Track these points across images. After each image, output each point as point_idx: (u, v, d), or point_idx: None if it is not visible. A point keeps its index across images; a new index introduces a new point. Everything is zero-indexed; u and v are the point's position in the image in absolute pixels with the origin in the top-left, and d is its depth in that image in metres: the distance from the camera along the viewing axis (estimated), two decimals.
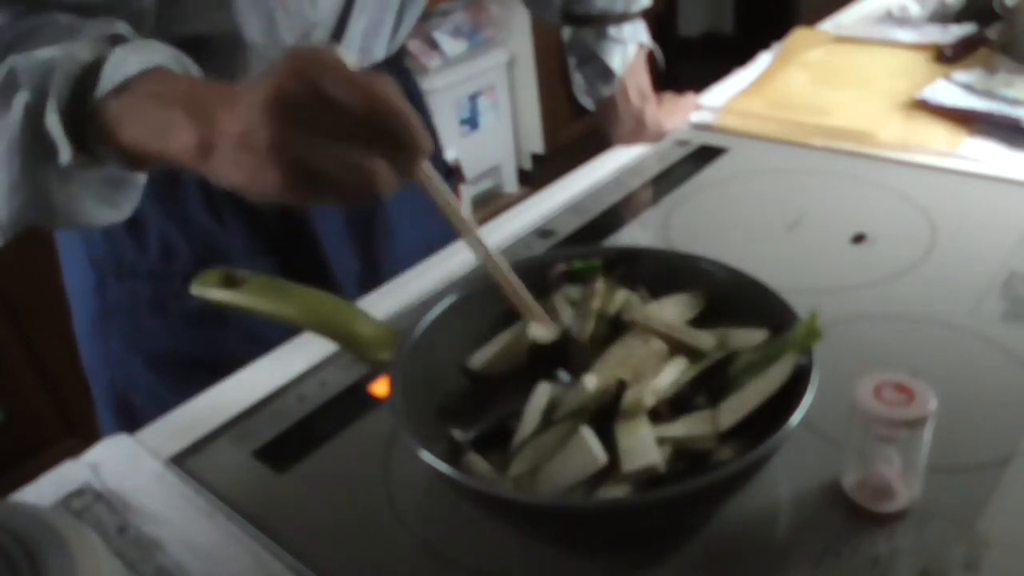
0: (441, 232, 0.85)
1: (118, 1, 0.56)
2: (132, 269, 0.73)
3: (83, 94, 0.48)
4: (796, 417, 0.43)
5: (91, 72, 0.48)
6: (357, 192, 0.43)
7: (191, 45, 0.63)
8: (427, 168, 0.46)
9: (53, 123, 0.48)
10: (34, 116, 0.48)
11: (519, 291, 0.54)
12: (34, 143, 0.49)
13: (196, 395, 0.63)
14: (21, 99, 0.48)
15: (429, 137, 0.44)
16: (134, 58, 0.49)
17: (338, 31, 0.69)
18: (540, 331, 0.54)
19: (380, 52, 0.75)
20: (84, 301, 0.76)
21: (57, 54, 0.48)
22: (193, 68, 0.53)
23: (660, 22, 3.20)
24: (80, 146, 0.49)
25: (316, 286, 0.54)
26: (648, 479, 0.45)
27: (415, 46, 2.42)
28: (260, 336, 0.72)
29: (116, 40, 0.50)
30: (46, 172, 0.50)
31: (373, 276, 0.79)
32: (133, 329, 0.74)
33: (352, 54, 0.42)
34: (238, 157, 0.42)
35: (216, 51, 0.64)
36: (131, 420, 0.76)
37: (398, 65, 0.81)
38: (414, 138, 0.43)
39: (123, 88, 0.48)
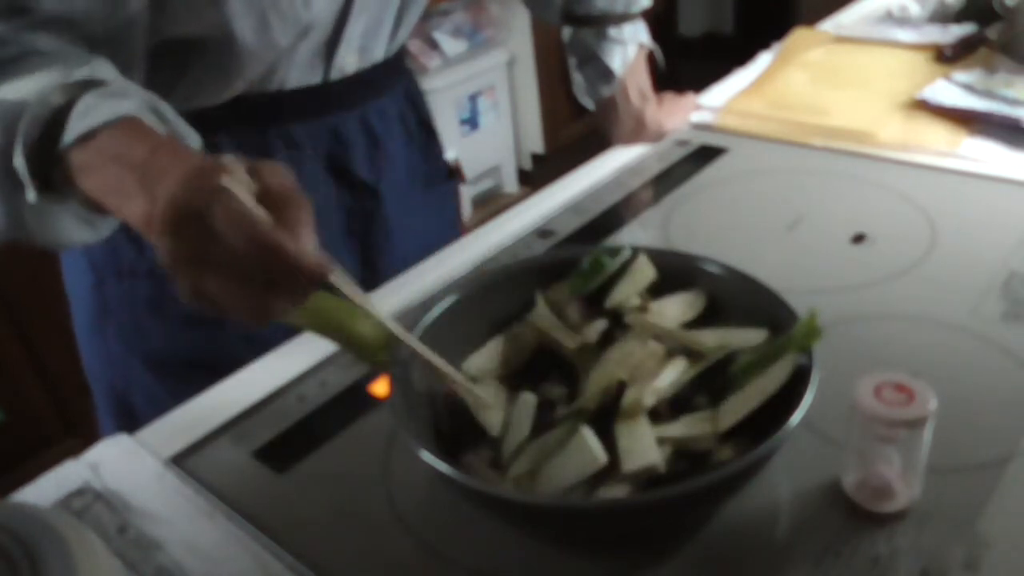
0: (439, 233, 0.85)
1: (107, 10, 0.56)
2: (131, 269, 0.73)
3: (51, 138, 0.49)
4: (796, 417, 0.43)
5: (60, 117, 0.49)
6: (250, 318, 0.44)
7: (184, 47, 0.63)
8: (338, 279, 0.45)
9: (20, 164, 0.49)
10: (3, 153, 0.49)
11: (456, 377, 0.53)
12: (6, 177, 0.50)
13: (195, 396, 0.63)
14: None
15: (325, 263, 0.43)
16: (104, 106, 0.49)
17: (336, 31, 0.69)
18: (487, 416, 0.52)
19: (379, 53, 0.75)
20: (83, 302, 0.76)
21: (30, 95, 0.49)
22: (169, 112, 0.53)
23: (660, 22, 3.20)
24: (47, 185, 0.50)
25: None
26: (648, 479, 0.45)
27: (415, 46, 2.42)
28: (258, 337, 0.71)
29: (89, 85, 0.50)
30: (19, 202, 0.51)
31: (371, 276, 0.79)
32: (132, 330, 0.74)
33: (240, 183, 0.42)
34: (159, 252, 0.43)
35: (209, 52, 0.64)
36: (131, 420, 0.76)
37: (399, 66, 0.81)
38: (301, 274, 0.42)
39: (88, 137, 0.48)
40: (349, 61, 0.72)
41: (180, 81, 0.66)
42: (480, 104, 2.64)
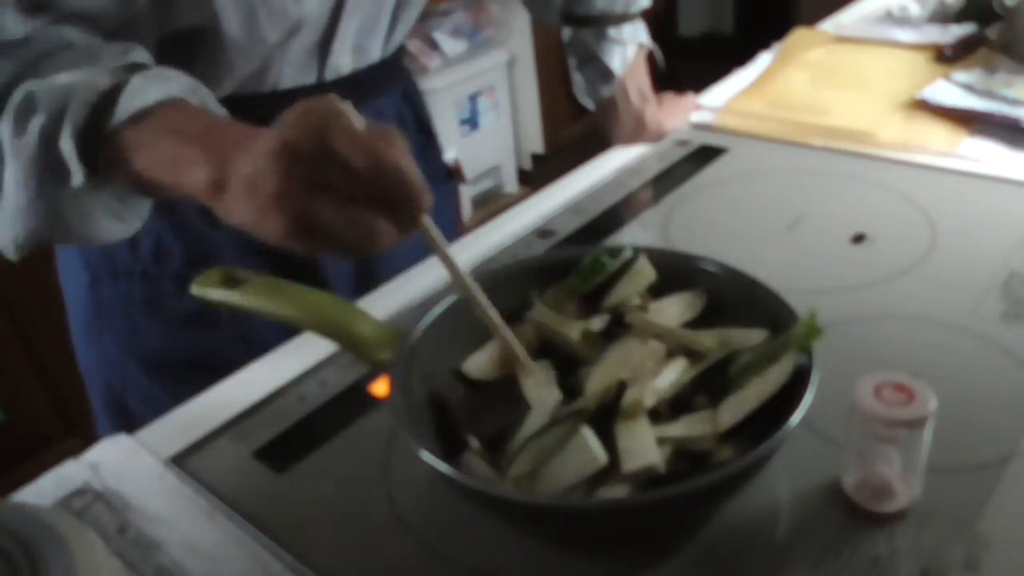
0: None
1: (118, 4, 0.57)
2: (126, 270, 0.73)
3: (99, 120, 0.49)
4: (796, 417, 0.43)
5: (109, 98, 0.49)
6: (357, 246, 0.43)
7: (173, 42, 0.63)
8: (427, 222, 0.47)
9: (67, 147, 0.49)
10: (49, 139, 0.49)
11: (509, 338, 0.54)
12: (49, 165, 0.50)
13: (191, 396, 0.63)
14: (37, 122, 0.49)
15: (431, 195, 0.45)
16: (152, 87, 0.49)
17: (330, 29, 0.69)
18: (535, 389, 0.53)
19: (376, 53, 0.75)
20: (79, 302, 0.76)
21: (76, 79, 0.49)
22: (210, 99, 0.54)
23: (660, 22, 3.20)
24: (93, 169, 0.50)
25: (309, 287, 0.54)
26: (648, 479, 0.45)
27: (415, 46, 2.42)
28: (254, 337, 0.71)
29: (135, 68, 0.51)
30: (60, 193, 0.51)
31: (367, 277, 0.79)
32: (127, 330, 0.74)
33: (359, 116, 0.43)
34: (247, 200, 0.43)
35: (198, 48, 0.64)
36: (127, 421, 0.76)
37: (396, 66, 0.81)
38: (416, 198, 0.44)
39: (140, 117, 0.49)
40: (344, 61, 0.72)
41: None
42: (480, 104, 2.64)
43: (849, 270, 0.71)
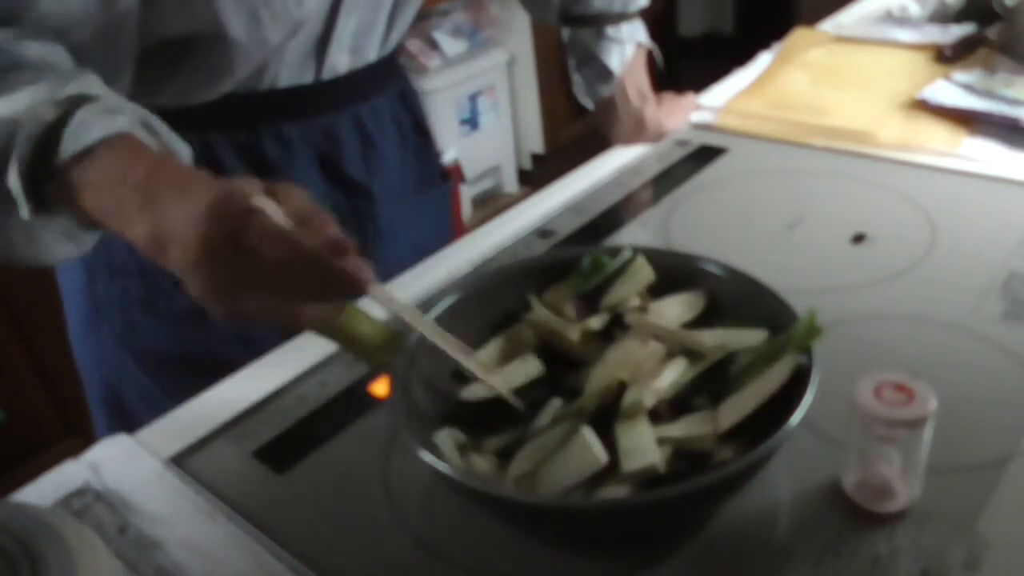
0: (434, 235, 0.84)
1: (98, 11, 0.56)
2: (123, 267, 0.73)
3: (45, 156, 0.49)
4: (796, 417, 0.43)
5: (53, 133, 0.48)
6: (287, 327, 0.45)
7: (174, 45, 0.63)
8: (375, 289, 0.46)
9: (14, 183, 0.49)
10: None
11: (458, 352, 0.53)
12: None
13: (188, 395, 0.63)
14: None
15: (367, 269, 0.45)
16: (97, 123, 0.49)
17: (327, 30, 0.69)
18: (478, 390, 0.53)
19: (372, 53, 0.75)
20: (76, 300, 0.76)
21: (21, 111, 0.49)
22: (161, 128, 0.53)
23: (660, 22, 3.20)
24: (41, 202, 0.50)
25: None
26: (648, 479, 0.45)
27: (415, 46, 2.41)
28: (249, 337, 0.71)
29: (81, 100, 0.50)
30: (7, 220, 0.51)
31: None
32: (124, 328, 0.74)
33: (271, 203, 0.44)
34: (184, 280, 0.44)
35: (200, 50, 0.64)
36: (123, 418, 0.76)
37: (393, 67, 0.81)
38: (343, 283, 0.44)
39: (84, 155, 0.48)
40: (341, 61, 0.72)
41: (171, 79, 0.66)
42: (480, 104, 2.64)
43: (849, 270, 0.71)
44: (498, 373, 0.54)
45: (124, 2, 0.57)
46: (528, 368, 0.54)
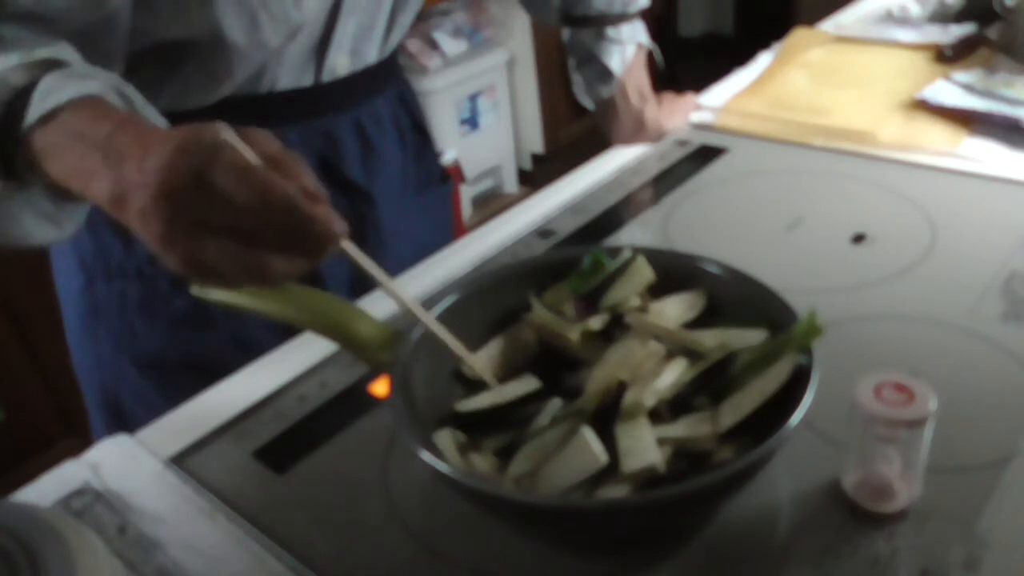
0: (434, 237, 0.84)
1: (84, 7, 0.55)
2: (121, 269, 0.73)
3: (12, 120, 0.47)
4: (796, 417, 0.43)
5: (22, 98, 0.47)
6: (252, 283, 0.41)
7: (172, 48, 0.63)
8: (348, 246, 0.43)
9: None
10: None
11: (451, 342, 0.52)
12: None
13: (185, 398, 0.63)
14: None
15: (341, 223, 0.41)
16: (68, 86, 0.47)
17: (326, 32, 0.69)
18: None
19: (372, 55, 0.75)
20: (74, 302, 0.76)
21: None
22: (136, 97, 0.51)
23: (660, 22, 3.20)
24: (11, 171, 0.49)
25: None
26: (648, 479, 0.45)
27: (415, 46, 2.41)
28: (247, 339, 0.71)
29: (52, 64, 0.49)
30: None
31: (364, 281, 0.79)
32: (121, 330, 0.74)
33: (246, 146, 0.40)
34: (142, 230, 0.41)
35: (198, 53, 0.63)
36: (121, 421, 0.76)
37: (392, 68, 0.81)
38: (316, 232, 0.40)
39: (50, 118, 0.46)
40: (340, 63, 0.72)
41: (169, 82, 0.66)
42: (480, 104, 2.64)
43: (849, 270, 0.71)
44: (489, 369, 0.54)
45: (112, 3, 0.56)
46: (525, 386, 0.53)
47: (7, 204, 0.51)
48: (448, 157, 2.36)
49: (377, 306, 0.71)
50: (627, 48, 0.95)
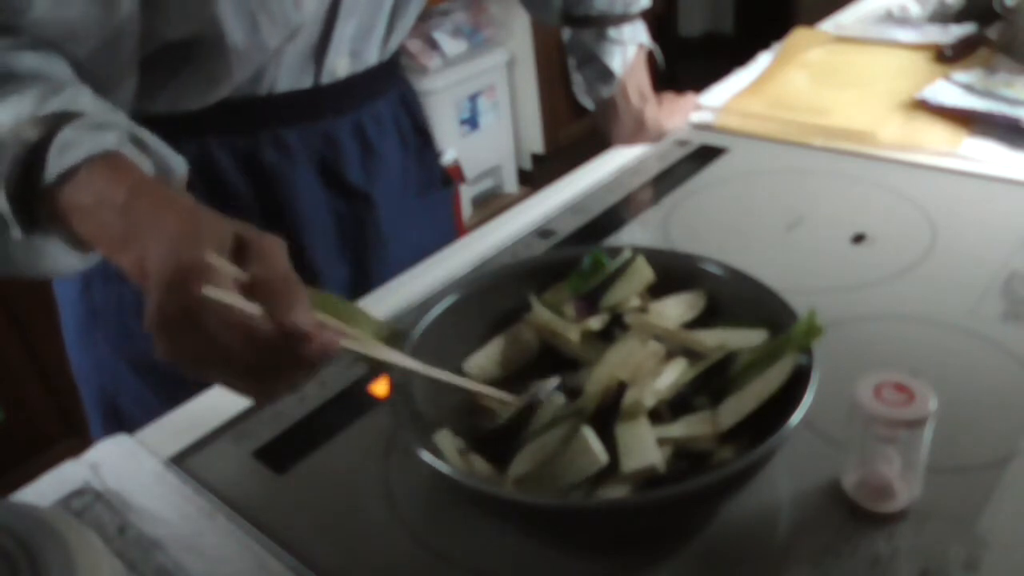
0: (435, 240, 0.84)
1: (100, 15, 0.55)
2: (119, 273, 0.72)
3: (30, 176, 0.48)
4: (796, 417, 0.43)
5: (37, 153, 0.47)
6: (260, 400, 0.44)
7: (172, 50, 0.63)
8: (348, 341, 0.46)
9: (2, 204, 0.48)
10: None
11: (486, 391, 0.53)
12: None
13: (182, 399, 0.63)
14: None
15: (332, 344, 0.43)
16: (83, 141, 0.48)
17: (325, 34, 0.68)
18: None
19: (372, 57, 0.75)
20: (72, 305, 0.76)
21: (4, 130, 0.48)
22: (151, 141, 0.52)
23: (660, 22, 3.20)
24: (32, 222, 0.49)
25: None
26: (648, 479, 0.45)
27: (415, 46, 2.41)
28: None
29: (65, 118, 0.49)
30: (4, 239, 0.50)
31: (364, 284, 0.79)
32: (119, 333, 0.74)
33: (224, 276, 0.41)
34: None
35: (197, 55, 0.63)
36: (119, 423, 0.76)
37: (393, 70, 0.81)
38: (308, 362, 0.42)
39: (70, 175, 0.47)
40: (340, 65, 0.72)
41: (168, 84, 0.66)
42: (480, 104, 2.64)
43: (849, 270, 0.71)
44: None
45: (125, 8, 0.56)
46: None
47: (28, 246, 0.51)
48: (448, 157, 2.36)
49: (377, 306, 0.71)
50: (628, 48, 0.95)
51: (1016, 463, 0.50)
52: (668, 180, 0.89)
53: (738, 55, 1.25)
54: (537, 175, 2.89)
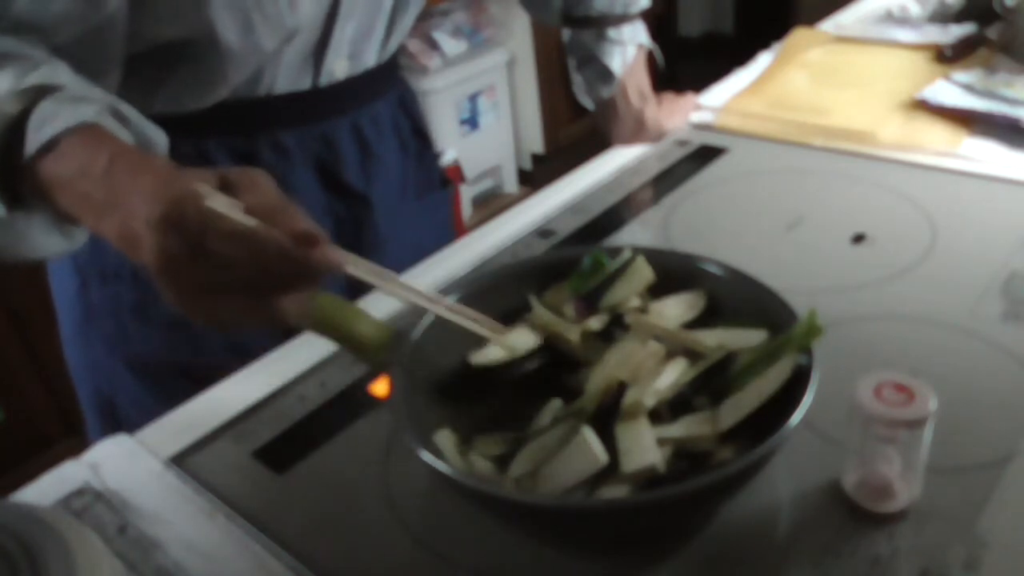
0: (433, 242, 0.84)
1: (83, 11, 0.55)
2: (115, 272, 0.72)
3: (11, 150, 0.47)
4: (796, 417, 0.43)
5: (17, 127, 0.47)
6: (265, 327, 0.44)
7: (167, 51, 0.62)
8: (352, 265, 0.46)
9: None
10: None
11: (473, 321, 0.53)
12: None
13: (179, 401, 0.63)
14: None
15: (339, 252, 0.44)
16: (62, 113, 0.48)
17: (324, 36, 0.68)
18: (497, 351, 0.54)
19: (371, 58, 0.75)
20: (69, 305, 0.76)
21: None
22: (131, 114, 0.52)
23: (660, 22, 3.20)
24: (16, 198, 0.49)
25: None
26: (648, 479, 0.45)
27: (415, 46, 2.41)
28: (241, 343, 0.71)
29: (45, 90, 0.49)
30: None
31: (363, 284, 0.79)
32: (116, 333, 0.74)
33: (226, 200, 0.42)
34: (158, 288, 0.43)
35: (192, 56, 0.63)
36: (115, 424, 0.76)
37: (392, 71, 0.81)
38: (316, 270, 0.43)
39: (50, 147, 0.47)
40: (339, 67, 0.72)
41: (163, 84, 0.65)
42: (480, 104, 2.64)
43: (849, 270, 0.71)
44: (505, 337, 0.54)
45: (110, 5, 0.56)
46: (526, 339, 0.54)
47: (12, 225, 0.51)
48: (448, 157, 2.36)
49: (377, 306, 0.71)
50: (628, 49, 0.95)
51: (1016, 463, 0.50)
52: (668, 180, 0.89)
53: (738, 55, 1.25)
54: (537, 175, 2.89)
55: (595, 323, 0.55)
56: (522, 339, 0.54)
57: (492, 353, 0.53)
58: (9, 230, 0.51)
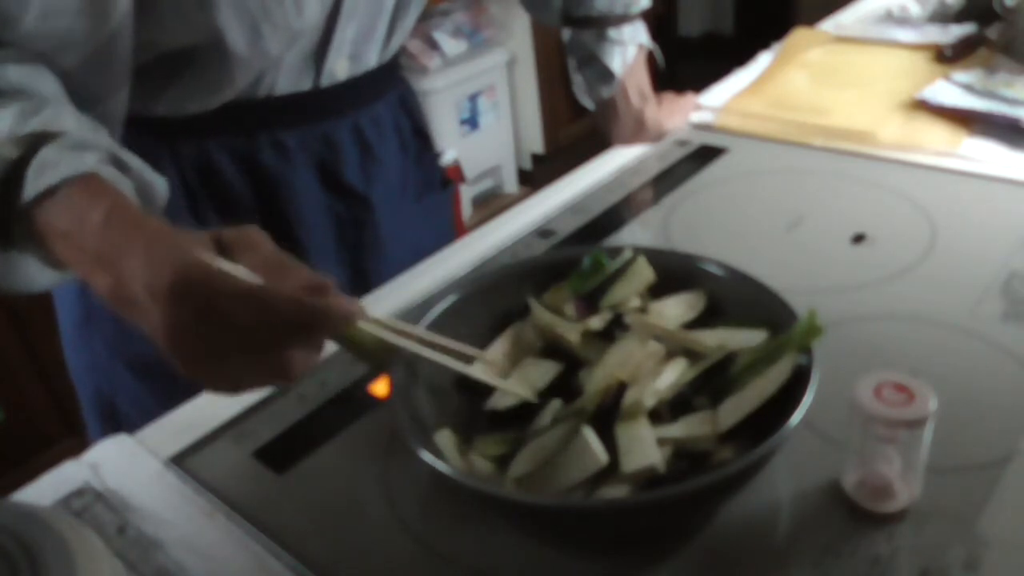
0: (433, 243, 0.84)
1: (90, 26, 0.55)
2: None
3: (9, 194, 0.47)
4: (796, 417, 0.43)
5: (16, 172, 0.47)
6: (276, 383, 0.45)
7: (173, 58, 0.62)
8: (366, 318, 0.46)
9: None
10: None
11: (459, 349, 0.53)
12: None
13: (179, 401, 0.63)
14: None
15: (351, 301, 0.44)
16: (62, 162, 0.48)
17: (325, 37, 0.68)
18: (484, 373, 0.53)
19: (372, 59, 0.75)
20: (69, 305, 0.76)
21: None
22: (132, 161, 0.52)
23: (660, 22, 3.20)
24: (8, 240, 0.49)
25: None
26: (648, 479, 0.45)
27: (415, 46, 2.41)
28: None
29: (44, 138, 0.49)
30: None
31: (362, 287, 0.79)
32: (116, 334, 0.74)
33: (229, 264, 0.43)
34: (167, 354, 0.43)
35: (199, 62, 0.63)
36: (116, 424, 0.76)
37: (393, 72, 0.81)
38: (331, 318, 0.43)
39: (48, 196, 0.47)
40: (340, 67, 0.72)
41: (169, 90, 0.65)
42: (480, 104, 2.64)
43: (849, 270, 0.71)
44: (512, 375, 0.54)
45: (115, 20, 0.55)
46: (544, 370, 0.54)
47: (5, 261, 0.51)
48: (448, 157, 2.36)
49: (376, 307, 0.71)
50: (628, 49, 0.95)
51: (1016, 463, 0.50)
52: (668, 180, 0.89)
53: (738, 55, 1.25)
54: (537, 175, 2.89)
55: (595, 323, 0.55)
56: (540, 372, 0.54)
57: (511, 393, 0.53)
58: (3, 264, 0.51)
